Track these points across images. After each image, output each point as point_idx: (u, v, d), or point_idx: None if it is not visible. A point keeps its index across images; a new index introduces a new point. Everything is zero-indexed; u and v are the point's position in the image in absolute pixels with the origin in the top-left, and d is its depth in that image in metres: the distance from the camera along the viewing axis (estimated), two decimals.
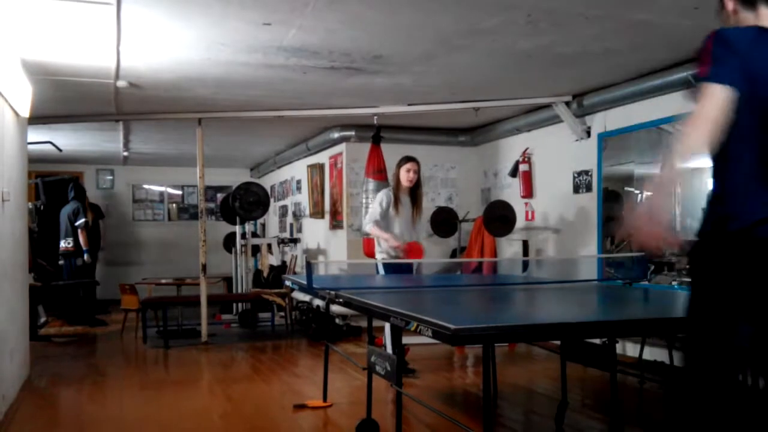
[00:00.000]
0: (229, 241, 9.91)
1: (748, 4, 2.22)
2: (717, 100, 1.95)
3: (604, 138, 6.44)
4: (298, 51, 4.94)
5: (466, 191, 8.69)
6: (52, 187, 9.27)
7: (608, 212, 6.44)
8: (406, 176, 5.69)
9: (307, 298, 7.82)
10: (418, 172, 5.73)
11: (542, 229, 7.35)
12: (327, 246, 9.11)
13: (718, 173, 2.09)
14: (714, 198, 2.10)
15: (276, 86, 6.03)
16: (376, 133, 7.20)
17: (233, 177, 12.01)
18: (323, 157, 9.07)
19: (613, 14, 4.23)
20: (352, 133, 8.10)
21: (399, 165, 5.76)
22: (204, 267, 7.34)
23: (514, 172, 7.75)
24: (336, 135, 8.23)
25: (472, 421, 4.11)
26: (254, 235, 10.19)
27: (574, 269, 6.47)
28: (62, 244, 8.88)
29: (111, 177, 12.08)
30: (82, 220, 8.79)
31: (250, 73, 5.57)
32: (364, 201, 7.10)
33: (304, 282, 4.21)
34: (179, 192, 12.65)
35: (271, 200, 10.47)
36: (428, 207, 8.37)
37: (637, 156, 6.16)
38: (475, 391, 5.13)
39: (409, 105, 6.88)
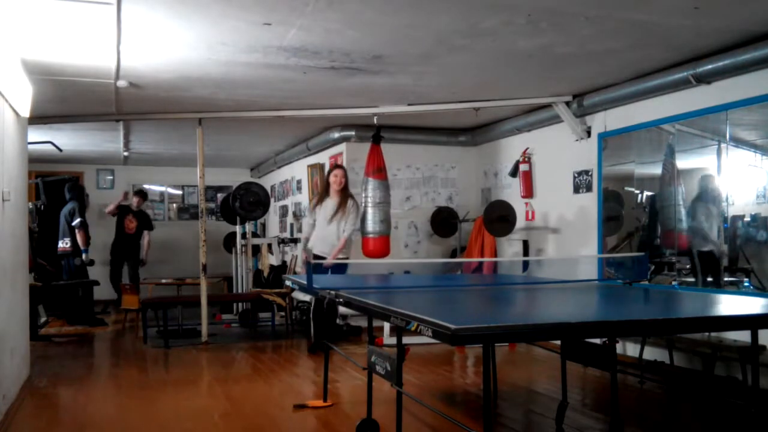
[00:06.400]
0: (229, 241, 9.91)
1: None
2: None
3: (604, 138, 6.44)
4: (298, 51, 4.94)
5: (466, 191, 8.69)
6: (52, 187, 9.27)
7: (608, 212, 6.45)
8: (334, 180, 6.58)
9: (307, 298, 7.82)
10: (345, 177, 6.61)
11: (542, 229, 7.35)
12: None
13: None
14: None
15: (276, 86, 6.03)
16: (376, 132, 7.20)
17: (233, 177, 12.02)
18: (323, 157, 9.07)
19: (613, 14, 4.23)
20: (352, 133, 8.10)
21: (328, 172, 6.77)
22: (204, 267, 7.35)
23: (514, 172, 7.75)
24: (336, 135, 8.23)
25: (472, 421, 4.11)
26: (254, 235, 10.18)
27: (574, 269, 6.47)
28: (60, 244, 8.90)
29: (111, 177, 12.08)
30: (78, 220, 8.79)
31: (250, 73, 5.57)
32: (363, 201, 7.10)
33: (304, 282, 4.21)
34: (179, 192, 12.66)
35: (272, 200, 10.48)
36: (428, 207, 8.40)
37: (637, 156, 6.16)
38: (475, 391, 5.13)
39: (409, 105, 6.88)
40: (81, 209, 8.94)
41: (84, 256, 8.84)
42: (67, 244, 8.86)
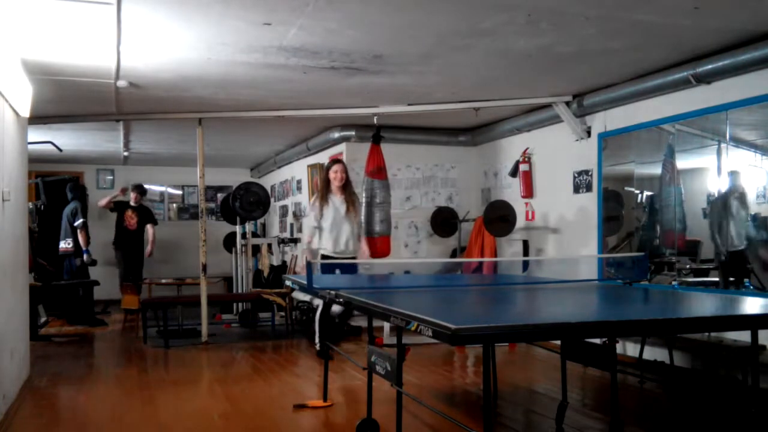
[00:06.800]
0: (229, 241, 9.91)
1: None
2: None
3: (604, 138, 6.44)
4: (298, 51, 4.94)
5: (466, 191, 8.69)
6: (52, 187, 9.27)
7: (608, 212, 6.45)
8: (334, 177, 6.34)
9: (307, 297, 7.82)
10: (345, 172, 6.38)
11: (542, 229, 7.35)
12: None
13: None
14: None
15: (276, 86, 6.03)
16: (376, 132, 7.20)
17: (233, 177, 12.01)
18: (323, 157, 9.06)
19: (613, 14, 4.23)
20: (352, 133, 8.10)
21: (327, 168, 6.49)
22: (204, 267, 7.34)
23: (514, 172, 7.75)
24: (336, 135, 8.23)
25: (472, 421, 4.11)
26: (254, 235, 10.19)
27: (574, 269, 6.46)
28: (62, 244, 8.89)
29: (111, 177, 12.08)
30: (80, 221, 8.78)
31: (250, 73, 5.57)
32: (364, 201, 7.10)
33: (304, 282, 4.21)
34: (179, 192, 12.66)
35: (272, 200, 10.48)
36: (428, 207, 8.40)
37: (637, 156, 6.16)
38: (475, 391, 5.13)
39: (409, 105, 6.88)
40: (83, 209, 8.94)
41: (85, 256, 8.84)
42: (69, 244, 8.86)
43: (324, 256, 6.32)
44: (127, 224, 9.71)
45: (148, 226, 9.96)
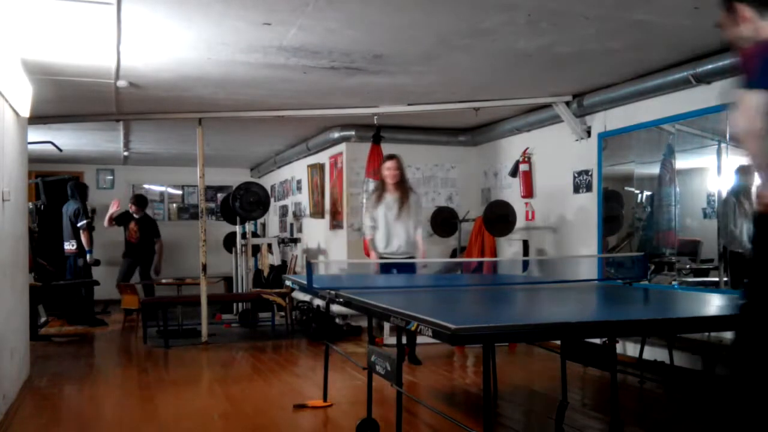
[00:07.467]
0: (229, 241, 9.91)
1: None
2: None
3: (604, 138, 6.44)
4: (298, 51, 4.94)
5: (466, 191, 8.69)
6: (53, 187, 9.26)
7: (608, 212, 6.45)
8: (388, 174, 6.07)
9: (307, 297, 7.82)
10: (400, 168, 6.08)
11: (542, 229, 7.35)
12: (327, 246, 9.12)
13: None
14: None
15: (276, 86, 6.03)
16: (376, 132, 7.20)
17: (233, 177, 12.01)
18: (323, 157, 9.07)
19: (613, 14, 4.23)
20: (352, 133, 8.10)
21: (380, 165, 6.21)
22: (204, 267, 7.35)
23: (514, 172, 7.75)
24: (336, 135, 8.23)
25: (472, 421, 4.11)
26: (254, 235, 10.19)
27: (574, 269, 6.46)
28: (66, 245, 8.86)
29: (111, 177, 12.08)
30: (84, 222, 8.78)
31: (250, 73, 5.57)
32: (364, 201, 7.10)
33: (305, 282, 4.21)
34: (179, 192, 12.66)
35: (272, 200, 10.48)
36: (428, 207, 8.39)
37: (637, 156, 6.16)
38: (475, 391, 5.13)
39: (409, 105, 6.88)
40: (85, 209, 8.93)
41: (88, 257, 8.83)
42: (73, 245, 8.82)
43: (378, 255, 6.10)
44: (129, 237, 9.67)
45: (156, 240, 9.88)
